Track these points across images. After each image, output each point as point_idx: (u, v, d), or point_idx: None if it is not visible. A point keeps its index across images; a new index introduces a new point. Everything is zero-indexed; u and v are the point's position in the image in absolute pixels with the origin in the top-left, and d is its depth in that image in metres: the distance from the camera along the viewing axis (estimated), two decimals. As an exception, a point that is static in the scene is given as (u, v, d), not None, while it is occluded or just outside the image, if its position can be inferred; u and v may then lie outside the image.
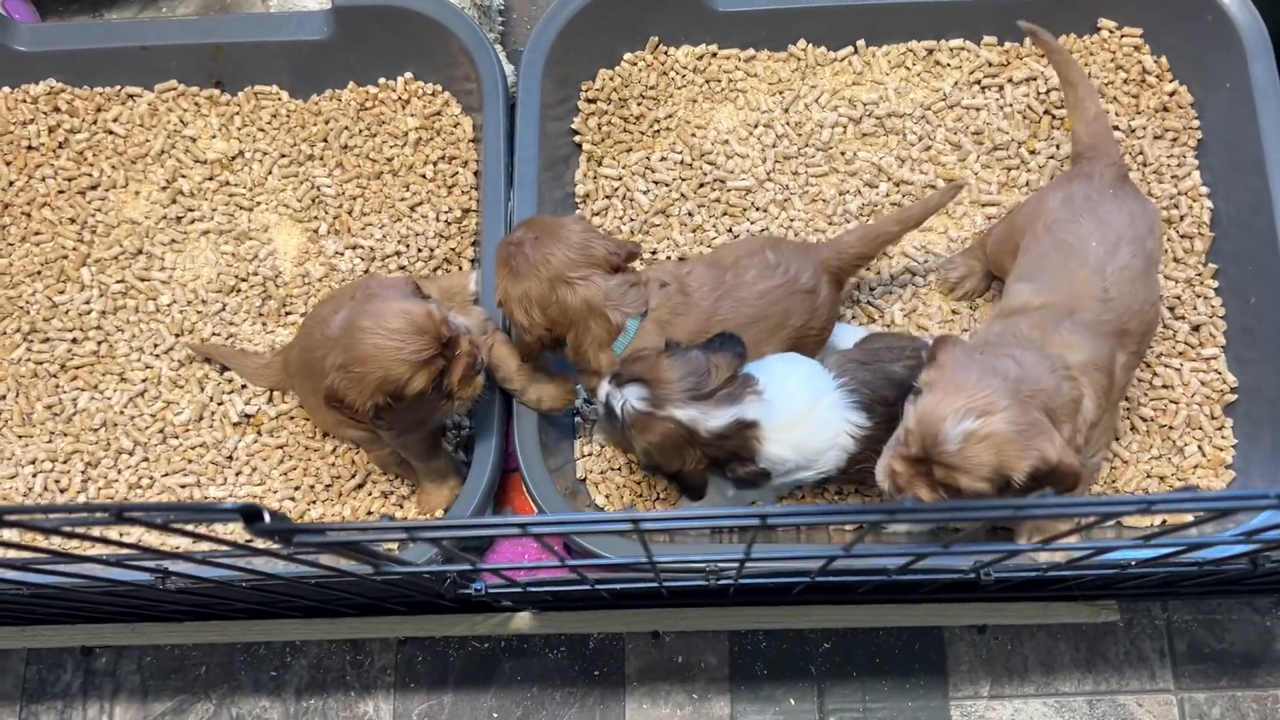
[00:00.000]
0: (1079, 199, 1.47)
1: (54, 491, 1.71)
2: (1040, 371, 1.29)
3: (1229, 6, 1.67)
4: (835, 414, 1.41)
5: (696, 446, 1.37)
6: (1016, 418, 1.23)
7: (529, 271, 1.44)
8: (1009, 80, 1.80)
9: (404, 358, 1.35)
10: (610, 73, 1.85)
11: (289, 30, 1.83)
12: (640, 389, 1.36)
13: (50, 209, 1.84)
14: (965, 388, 1.25)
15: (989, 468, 1.22)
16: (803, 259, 1.51)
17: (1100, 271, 1.40)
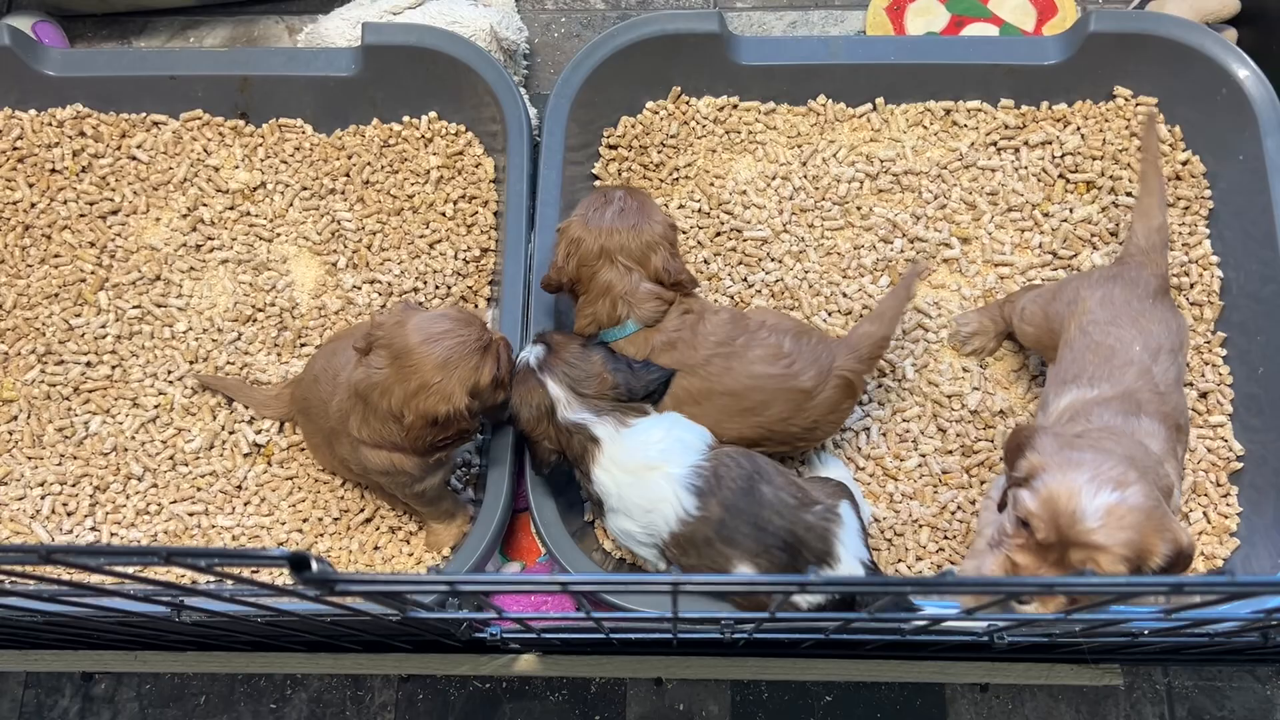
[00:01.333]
0: (1119, 303, 1.46)
1: (61, 514, 1.71)
2: (1140, 453, 1.25)
3: (1244, 81, 1.70)
4: (668, 484, 1.41)
5: (551, 425, 1.46)
6: (1149, 493, 1.15)
7: (594, 230, 1.52)
8: (1025, 143, 1.83)
9: (471, 349, 1.40)
10: (632, 120, 1.87)
11: (317, 66, 1.85)
12: (542, 350, 1.49)
13: (71, 232, 1.85)
14: (1087, 464, 1.17)
15: (1131, 547, 1.13)
16: (815, 358, 1.51)
17: (1148, 371, 1.39)
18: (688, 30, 1.79)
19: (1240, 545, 1.61)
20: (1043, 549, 1.19)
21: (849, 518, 1.44)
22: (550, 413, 1.46)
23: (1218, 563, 1.61)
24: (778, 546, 1.39)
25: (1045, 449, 1.22)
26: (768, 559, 1.40)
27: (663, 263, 1.52)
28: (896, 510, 1.65)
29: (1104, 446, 1.24)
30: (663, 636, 1.22)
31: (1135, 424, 1.33)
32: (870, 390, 1.71)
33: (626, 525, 1.46)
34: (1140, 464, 1.22)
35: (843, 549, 1.41)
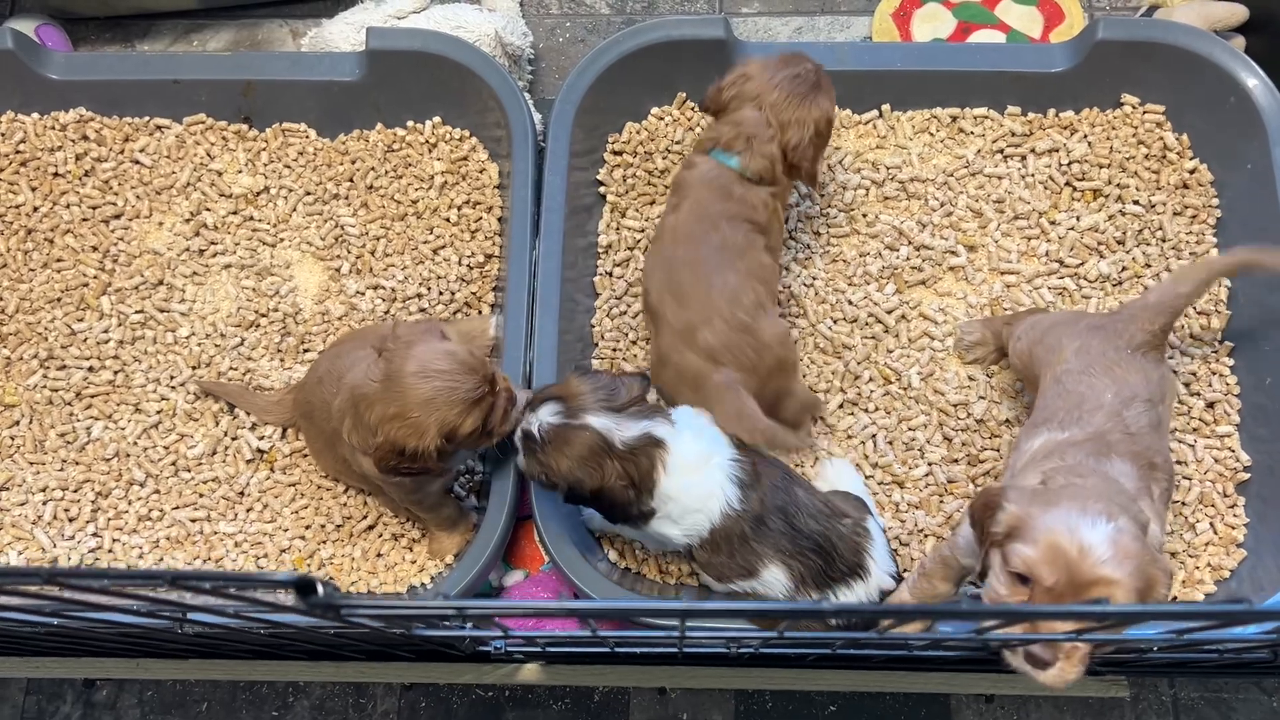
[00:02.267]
0: (1095, 353, 1.44)
1: (63, 520, 1.70)
2: (1114, 489, 1.24)
3: (1253, 90, 1.69)
4: (719, 474, 1.40)
5: (614, 459, 1.36)
6: (1134, 526, 1.12)
7: (765, 80, 1.57)
8: (1032, 151, 1.82)
9: (460, 398, 1.36)
10: (637, 126, 1.87)
11: (321, 70, 1.84)
12: (554, 405, 1.38)
13: (73, 236, 1.84)
14: (1071, 501, 1.14)
15: (1140, 577, 1.09)
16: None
17: (1118, 415, 1.38)
18: (693, 36, 1.78)
19: (1247, 556, 1.60)
20: (1054, 596, 1.12)
21: (876, 533, 1.46)
22: (608, 447, 1.37)
23: (1225, 574, 1.60)
24: (812, 549, 1.40)
25: (1020, 501, 1.19)
26: (801, 562, 1.40)
27: (798, 141, 1.54)
28: (902, 520, 1.64)
29: (1076, 484, 1.23)
30: (668, 650, 1.21)
31: (1106, 465, 1.31)
32: (876, 399, 1.70)
33: (668, 530, 1.43)
34: (1115, 499, 1.20)
35: (873, 563, 1.42)
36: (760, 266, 1.56)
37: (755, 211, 1.56)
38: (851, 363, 1.72)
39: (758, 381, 1.51)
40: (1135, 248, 1.76)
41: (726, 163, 1.56)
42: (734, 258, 1.53)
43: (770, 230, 1.58)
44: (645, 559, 1.63)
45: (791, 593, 1.41)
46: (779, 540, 1.40)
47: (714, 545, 1.42)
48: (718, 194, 1.55)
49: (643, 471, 1.38)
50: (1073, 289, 1.74)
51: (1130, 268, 1.74)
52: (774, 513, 1.40)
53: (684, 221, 1.56)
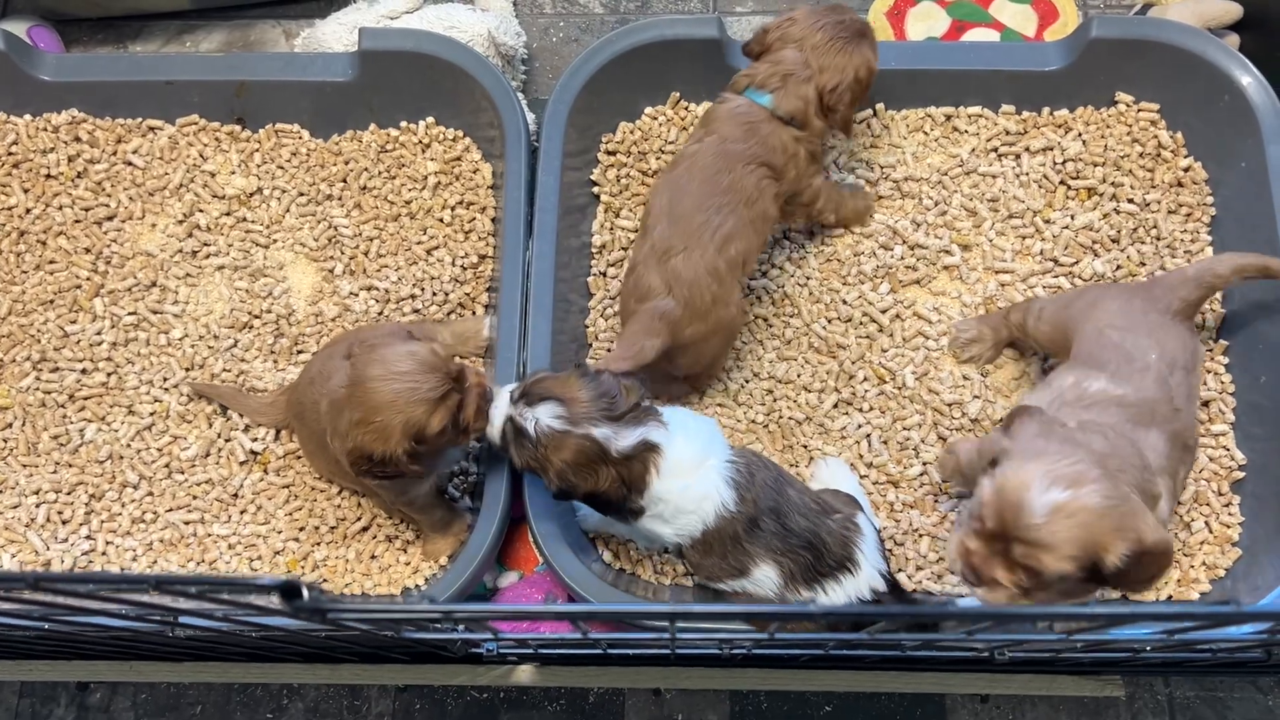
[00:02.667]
0: (1137, 314, 1.47)
1: (56, 523, 1.70)
2: (1129, 454, 1.26)
3: (1247, 88, 1.69)
4: (715, 477, 1.40)
5: (610, 465, 1.37)
6: (1109, 492, 1.15)
7: (809, 25, 1.60)
8: (1026, 149, 1.82)
9: (421, 397, 1.35)
10: (631, 126, 1.86)
11: (314, 71, 1.84)
12: (555, 407, 1.37)
13: (66, 238, 1.84)
14: (1047, 455, 1.18)
15: (1078, 545, 1.13)
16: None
17: (1164, 382, 1.40)
18: (687, 35, 1.78)
19: (1242, 555, 1.60)
20: (991, 538, 1.20)
21: (867, 528, 1.46)
22: (604, 456, 1.37)
23: (1220, 573, 1.60)
24: (802, 546, 1.41)
25: (1022, 434, 1.23)
26: (792, 559, 1.41)
27: (836, 84, 1.57)
28: (897, 520, 1.64)
29: (1081, 440, 1.25)
30: (661, 652, 1.21)
31: (1143, 435, 1.34)
32: (871, 398, 1.70)
33: (659, 529, 1.43)
34: (1113, 464, 1.22)
35: (862, 557, 1.42)
36: (761, 219, 1.59)
37: (774, 154, 1.58)
38: (846, 362, 1.72)
39: (694, 327, 1.54)
40: (1130, 246, 1.75)
41: (759, 100, 1.58)
42: (740, 203, 1.55)
43: (785, 176, 1.60)
44: (640, 560, 1.63)
45: (781, 590, 1.42)
46: (770, 540, 1.40)
47: (706, 546, 1.43)
48: (743, 131, 1.57)
49: (635, 475, 1.38)
50: (1067, 288, 1.74)
51: (1125, 266, 1.74)
52: (767, 513, 1.40)
53: (703, 154, 1.57)
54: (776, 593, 1.42)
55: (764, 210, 1.58)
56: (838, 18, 1.60)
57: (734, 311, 1.58)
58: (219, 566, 1.67)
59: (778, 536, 1.40)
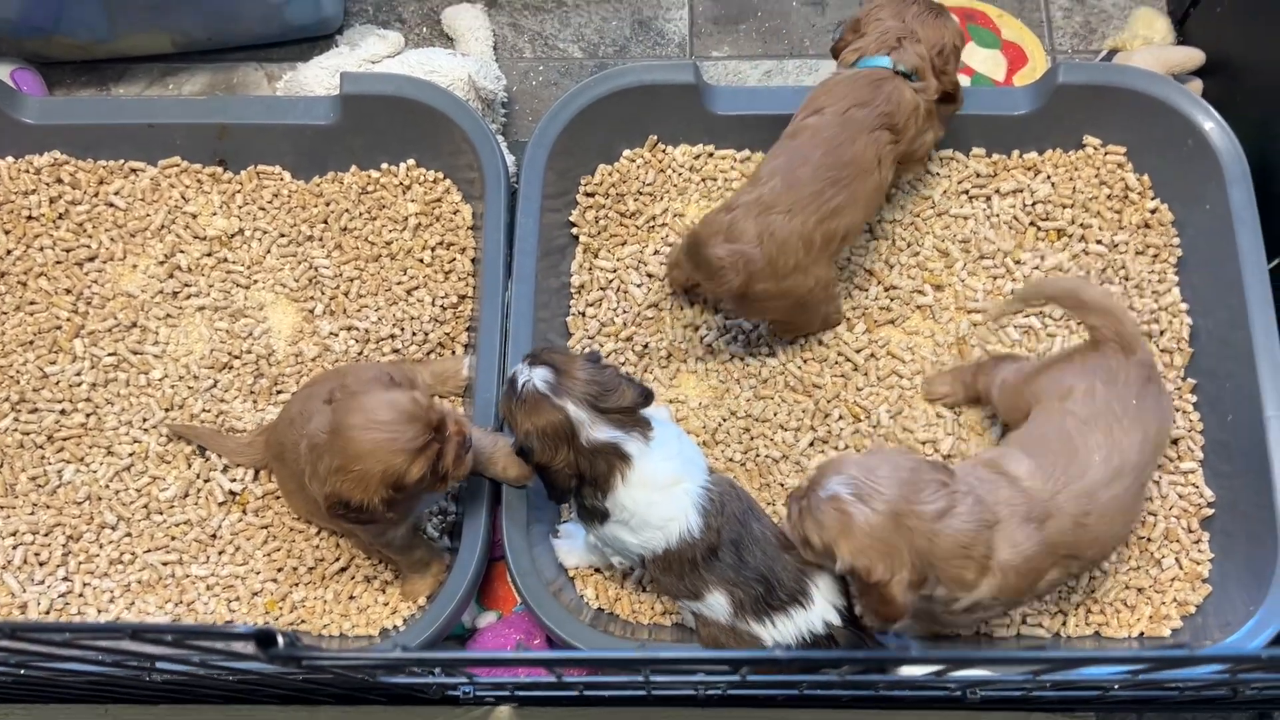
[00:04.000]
0: (1100, 403, 1.44)
1: (33, 564, 1.70)
2: (960, 525, 1.31)
3: (1210, 133, 1.73)
4: (685, 500, 1.43)
5: (572, 450, 1.40)
6: (876, 525, 1.28)
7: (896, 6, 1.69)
8: (996, 191, 1.85)
9: (400, 447, 1.35)
10: (609, 168, 1.89)
11: (296, 114, 1.86)
12: (548, 373, 1.41)
13: (47, 279, 1.84)
14: (870, 469, 1.32)
15: (824, 532, 1.31)
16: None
17: (1091, 495, 1.40)
18: (664, 81, 1.81)
19: (1212, 591, 1.62)
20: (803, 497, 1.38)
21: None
22: (570, 436, 1.40)
23: (1190, 609, 1.62)
24: (755, 579, 1.43)
25: (879, 448, 1.44)
26: (743, 590, 1.43)
27: (941, 47, 1.65)
28: (872, 557, 1.65)
29: (916, 480, 1.33)
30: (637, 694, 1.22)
31: (1012, 525, 1.35)
32: (846, 436, 1.72)
33: (624, 537, 1.46)
34: (926, 520, 1.30)
35: (816, 592, 1.44)
36: (875, 191, 1.62)
37: (900, 111, 1.61)
38: (821, 401, 1.74)
39: (766, 284, 1.57)
40: (1099, 286, 1.79)
41: (877, 63, 1.63)
42: (856, 177, 1.59)
43: (905, 134, 1.63)
44: (618, 598, 1.64)
45: (730, 617, 1.44)
46: (725, 570, 1.43)
47: (666, 564, 1.45)
48: (869, 90, 1.61)
49: (597, 473, 1.41)
50: (1038, 327, 1.77)
51: (1094, 306, 1.77)
52: (727, 545, 1.43)
53: (827, 124, 1.61)
54: (726, 620, 1.45)
55: (879, 181, 1.62)
56: (918, 1, 1.68)
57: (810, 284, 1.61)
58: (197, 608, 1.67)
59: (732, 568, 1.43)
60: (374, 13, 2.14)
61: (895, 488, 1.31)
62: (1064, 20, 2.09)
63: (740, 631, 1.45)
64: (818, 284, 1.63)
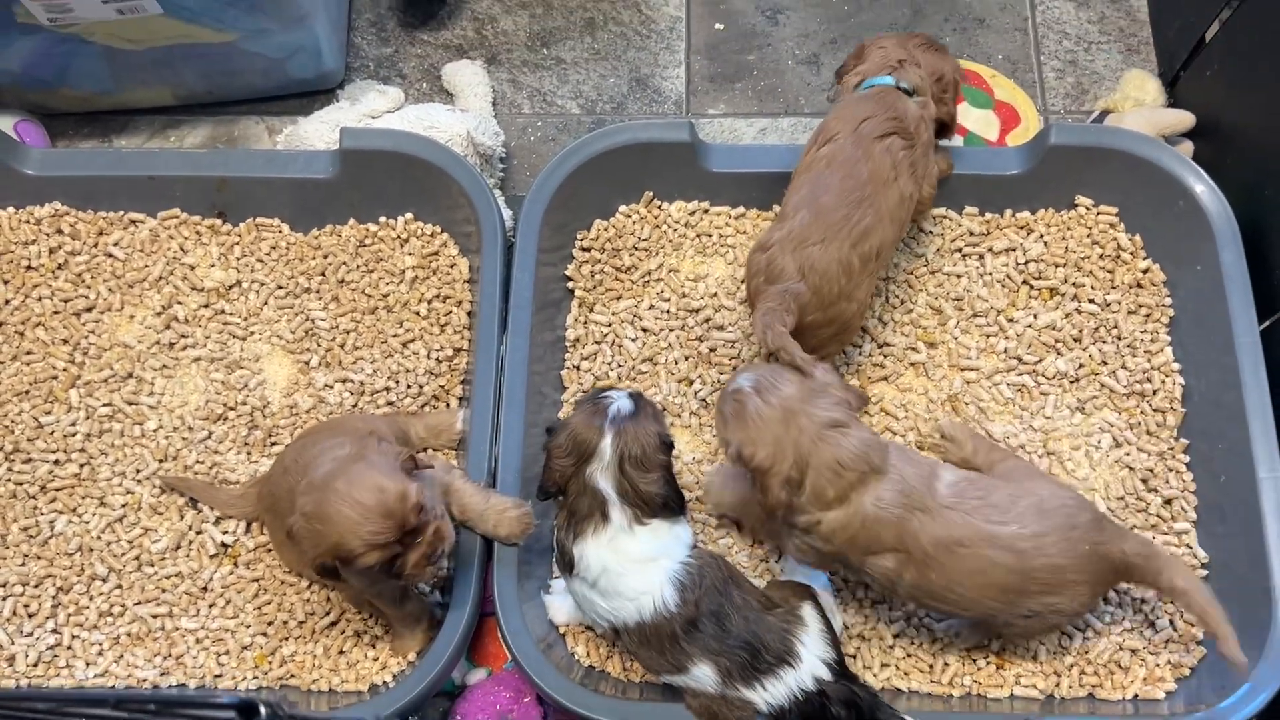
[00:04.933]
0: (1054, 529, 1.46)
1: (22, 616, 1.69)
2: (846, 444, 1.41)
3: (1201, 195, 1.74)
4: (659, 576, 1.43)
5: (575, 467, 1.44)
6: (767, 417, 1.41)
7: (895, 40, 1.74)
8: (989, 250, 1.87)
9: (360, 534, 1.36)
10: (605, 223, 1.91)
11: (295, 168, 1.88)
12: (631, 407, 1.46)
13: (44, 329, 1.85)
14: (777, 372, 1.46)
15: (723, 422, 1.46)
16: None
17: (975, 540, 1.44)
18: (660, 139, 1.83)
19: (1207, 654, 1.61)
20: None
21: (811, 619, 1.47)
22: (585, 460, 1.42)
23: (1185, 671, 1.61)
24: (739, 647, 1.42)
25: (820, 375, 1.51)
26: (728, 658, 1.42)
27: (939, 75, 1.70)
28: (865, 615, 1.65)
29: (828, 391, 1.46)
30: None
31: (886, 486, 1.43)
32: (839, 493, 1.72)
33: (592, 597, 1.46)
34: (815, 403, 1.42)
35: (803, 649, 1.43)
36: (899, 203, 1.63)
37: (906, 118, 1.63)
38: (815, 458, 1.74)
39: (815, 315, 1.60)
40: (1092, 345, 1.79)
41: (880, 83, 1.67)
42: (879, 191, 1.60)
43: (918, 139, 1.65)
44: (609, 655, 1.63)
45: (720, 687, 1.43)
46: (708, 641, 1.42)
47: (643, 638, 1.45)
48: (874, 104, 1.63)
49: (579, 512, 1.44)
50: (1031, 386, 1.77)
51: (1087, 365, 1.78)
52: (707, 616, 1.42)
53: (841, 149, 1.62)
54: (715, 690, 1.44)
55: (902, 191, 1.63)
56: (921, 35, 1.75)
57: (854, 308, 1.63)
58: (186, 661, 1.66)
59: (715, 638, 1.42)
60: (375, 68, 2.17)
61: (794, 389, 1.43)
62: (1056, 81, 2.12)
63: (731, 699, 1.44)
64: (860, 306, 1.64)
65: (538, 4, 2.22)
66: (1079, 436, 1.74)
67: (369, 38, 2.20)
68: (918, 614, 1.64)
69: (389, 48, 2.19)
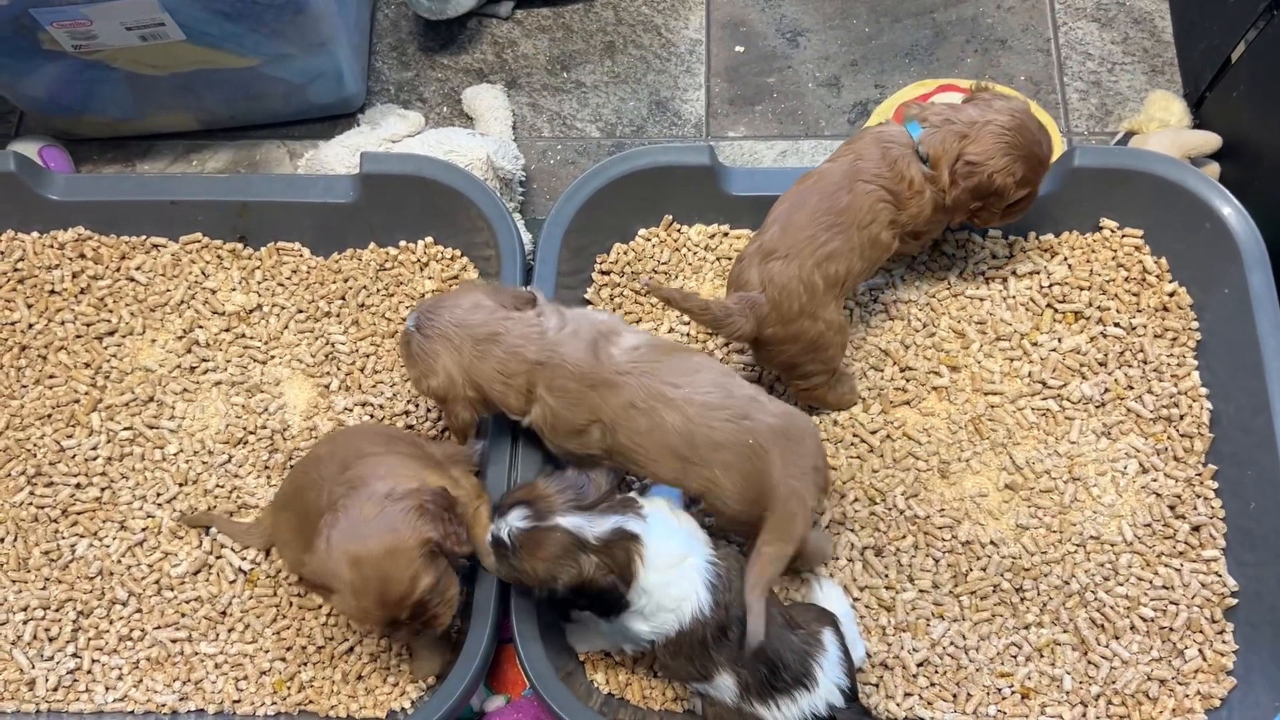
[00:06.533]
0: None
1: (43, 640, 1.69)
2: (499, 355, 1.49)
3: (1228, 218, 1.72)
4: (695, 577, 1.40)
5: (590, 553, 1.36)
6: (427, 349, 1.49)
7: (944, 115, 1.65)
8: (1013, 273, 1.85)
9: (351, 607, 1.40)
10: (625, 246, 1.90)
11: (316, 192, 1.88)
12: (522, 509, 1.38)
13: (66, 353, 1.86)
14: (434, 304, 1.51)
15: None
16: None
17: (650, 401, 1.49)
18: (680, 163, 1.82)
19: (1237, 685, 1.58)
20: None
21: (831, 645, 1.45)
22: (582, 545, 1.36)
23: (1215, 703, 1.58)
24: (760, 661, 1.41)
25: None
26: (749, 672, 1.41)
27: (973, 161, 1.59)
28: (889, 643, 1.62)
29: (478, 310, 1.51)
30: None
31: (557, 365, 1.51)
32: (862, 518, 1.70)
33: (638, 626, 1.43)
34: (467, 323, 1.50)
35: (821, 674, 1.42)
36: (871, 245, 1.62)
37: (899, 182, 1.61)
38: (836, 482, 1.72)
39: (774, 329, 1.59)
40: (1117, 369, 1.77)
41: (912, 130, 1.63)
42: (851, 226, 1.59)
43: (905, 209, 1.62)
44: (629, 683, 1.62)
45: (737, 700, 1.42)
46: (733, 650, 1.41)
47: (677, 648, 1.43)
48: (878, 151, 1.61)
49: (620, 563, 1.38)
50: (1055, 410, 1.75)
51: (1113, 389, 1.76)
52: (735, 623, 1.41)
53: (833, 171, 1.62)
54: (733, 702, 1.43)
55: (875, 236, 1.61)
56: (1033, 129, 1.63)
57: (821, 327, 1.61)
58: (205, 686, 1.66)
59: (739, 647, 1.41)
60: (395, 92, 2.17)
61: (446, 314, 1.49)
62: (1080, 102, 2.11)
63: (746, 714, 1.43)
64: (828, 327, 1.62)
65: (557, 28, 2.22)
66: (1105, 462, 1.72)
67: (390, 62, 2.21)
68: (941, 642, 1.62)
69: (410, 72, 2.20)
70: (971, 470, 1.73)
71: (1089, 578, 1.65)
